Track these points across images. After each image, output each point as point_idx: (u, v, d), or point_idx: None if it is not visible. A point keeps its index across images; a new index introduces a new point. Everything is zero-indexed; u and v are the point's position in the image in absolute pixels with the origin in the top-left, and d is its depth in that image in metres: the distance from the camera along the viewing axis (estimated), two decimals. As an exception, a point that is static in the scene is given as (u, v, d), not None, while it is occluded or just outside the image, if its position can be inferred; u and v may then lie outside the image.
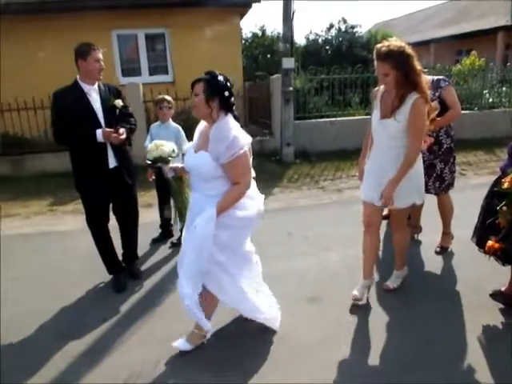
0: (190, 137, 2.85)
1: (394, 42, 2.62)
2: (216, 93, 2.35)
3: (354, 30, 13.76)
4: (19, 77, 8.15)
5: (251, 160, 2.51)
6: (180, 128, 4.32)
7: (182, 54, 9.11)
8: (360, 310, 2.97)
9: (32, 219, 5.41)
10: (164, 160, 3.02)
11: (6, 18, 8.12)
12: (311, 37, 14.07)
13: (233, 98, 2.43)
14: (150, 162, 3.08)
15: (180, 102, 7.75)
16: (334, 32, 13.85)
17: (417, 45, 15.47)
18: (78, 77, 3.21)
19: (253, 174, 2.55)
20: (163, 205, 4.48)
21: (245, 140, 2.38)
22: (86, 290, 3.44)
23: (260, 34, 15.91)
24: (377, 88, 2.94)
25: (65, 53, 8.19)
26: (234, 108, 2.45)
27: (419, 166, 2.90)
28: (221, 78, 2.38)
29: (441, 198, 3.75)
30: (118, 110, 3.24)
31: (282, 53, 7.37)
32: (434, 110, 2.98)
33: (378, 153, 2.88)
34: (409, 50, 2.61)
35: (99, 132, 3.10)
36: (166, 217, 4.49)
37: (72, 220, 5.20)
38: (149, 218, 4.81)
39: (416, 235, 4.08)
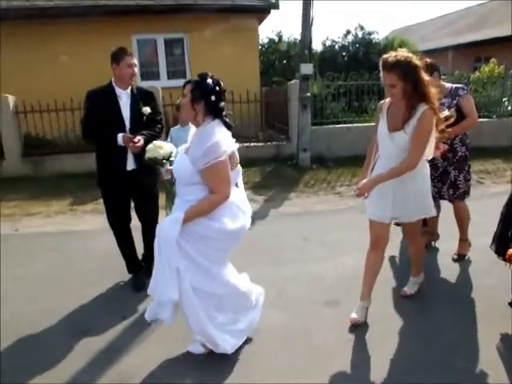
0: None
1: (401, 53, 2.56)
2: (202, 96, 2.29)
3: (371, 37, 13.76)
4: (42, 79, 8.36)
5: (238, 168, 2.48)
6: None
7: (200, 59, 9.21)
8: (375, 315, 2.97)
9: (53, 218, 5.53)
10: (159, 162, 3.04)
11: (33, 21, 8.37)
12: (328, 43, 14.13)
13: (223, 103, 2.36)
14: (148, 163, 3.11)
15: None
16: (350, 38, 13.87)
17: (434, 52, 15.44)
18: (112, 79, 3.30)
19: (239, 185, 2.52)
20: None
21: (225, 148, 2.26)
22: (105, 288, 3.51)
23: (277, 39, 16.00)
24: (382, 101, 2.85)
25: (87, 56, 8.52)
26: (225, 113, 2.37)
27: (427, 179, 2.84)
28: (210, 80, 2.30)
29: (456, 205, 3.73)
30: (145, 117, 3.32)
31: (300, 58, 7.40)
32: (450, 118, 3.03)
33: (383, 162, 2.77)
34: (416, 60, 2.52)
35: (120, 136, 3.19)
36: None
37: (91, 220, 5.30)
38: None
39: (433, 242, 4.06)
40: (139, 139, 3.20)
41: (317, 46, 14.48)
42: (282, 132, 8.50)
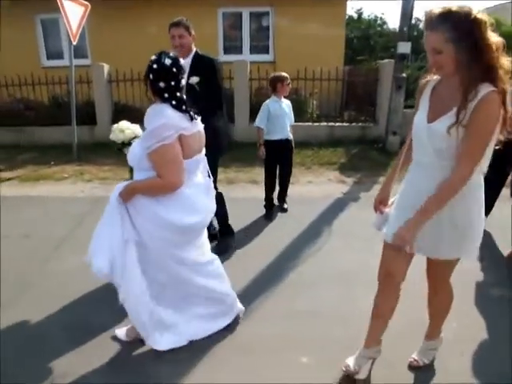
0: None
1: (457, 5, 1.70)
2: (156, 75, 2.12)
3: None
4: (132, 50, 8.54)
5: (199, 156, 2.28)
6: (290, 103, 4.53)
7: (284, 34, 9.02)
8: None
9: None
10: (117, 146, 2.92)
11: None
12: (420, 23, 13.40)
13: (181, 84, 2.17)
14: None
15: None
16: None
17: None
18: None
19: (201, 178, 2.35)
20: (271, 185, 4.57)
21: (171, 132, 2.06)
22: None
23: (356, 17, 15.39)
24: (425, 79, 1.93)
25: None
26: (179, 95, 2.17)
27: (481, 202, 1.87)
28: (165, 59, 2.11)
29: None
30: (197, 87, 3.13)
31: (398, 36, 7.00)
32: None
33: (418, 174, 1.92)
34: (480, 15, 1.63)
35: None
36: (270, 197, 4.57)
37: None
38: (252, 194, 4.96)
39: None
40: None
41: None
42: (366, 113, 8.17)
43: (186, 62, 3.17)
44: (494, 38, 1.63)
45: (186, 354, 2.39)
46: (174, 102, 2.15)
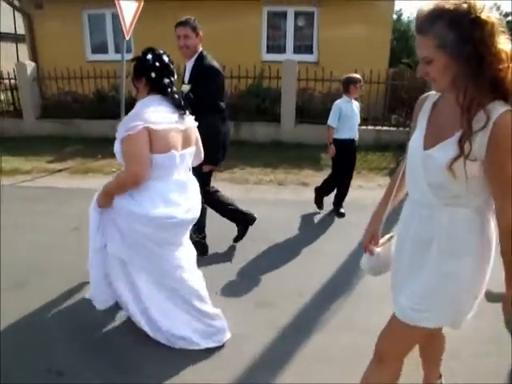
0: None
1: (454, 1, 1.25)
2: (142, 72, 2.20)
3: (507, 19, 12.46)
4: (172, 45, 8.57)
5: (175, 153, 2.20)
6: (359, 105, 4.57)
7: (328, 34, 8.90)
8: None
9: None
10: None
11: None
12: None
13: (166, 80, 2.21)
14: None
15: (324, 84, 7.66)
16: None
17: None
18: None
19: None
20: (331, 185, 4.58)
21: (139, 122, 2.05)
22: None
23: (395, 18, 15.13)
24: (425, 94, 1.55)
25: (218, 26, 8.57)
26: (170, 89, 2.22)
27: (480, 252, 1.43)
28: (150, 56, 2.19)
29: None
30: (191, 95, 3.05)
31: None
32: None
33: (411, 215, 1.51)
34: (487, 14, 1.22)
35: None
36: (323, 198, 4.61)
37: (228, 188, 5.41)
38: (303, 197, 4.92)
39: None
40: None
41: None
42: (410, 117, 7.98)
43: (190, 63, 3.19)
44: (505, 45, 1.24)
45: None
46: (172, 95, 2.22)
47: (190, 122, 2.37)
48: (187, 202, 2.31)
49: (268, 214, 4.24)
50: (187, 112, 2.31)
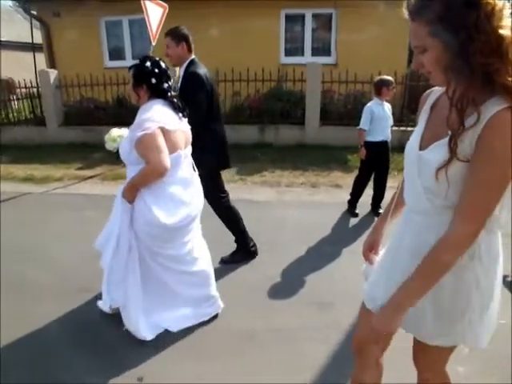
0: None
1: None
2: (142, 80, 2.31)
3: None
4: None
5: (182, 152, 2.38)
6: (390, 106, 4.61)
7: (347, 37, 8.91)
8: None
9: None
10: (117, 154, 2.76)
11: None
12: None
13: (165, 84, 2.35)
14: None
15: (343, 85, 7.67)
16: None
17: None
18: None
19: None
20: (362, 188, 4.59)
21: (153, 124, 2.20)
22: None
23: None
24: (429, 90, 1.41)
25: (237, 29, 8.59)
26: (171, 94, 2.37)
27: (493, 277, 1.29)
28: (149, 63, 2.31)
29: None
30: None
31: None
32: None
33: (406, 221, 1.39)
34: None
35: None
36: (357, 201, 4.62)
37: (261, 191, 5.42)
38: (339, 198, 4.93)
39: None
40: None
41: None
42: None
43: (182, 70, 3.22)
44: (507, 31, 1.04)
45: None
46: (171, 100, 2.36)
47: (186, 124, 2.51)
48: (193, 198, 2.47)
49: (305, 216, 4.25)
50: (185, 113, 2.47)
